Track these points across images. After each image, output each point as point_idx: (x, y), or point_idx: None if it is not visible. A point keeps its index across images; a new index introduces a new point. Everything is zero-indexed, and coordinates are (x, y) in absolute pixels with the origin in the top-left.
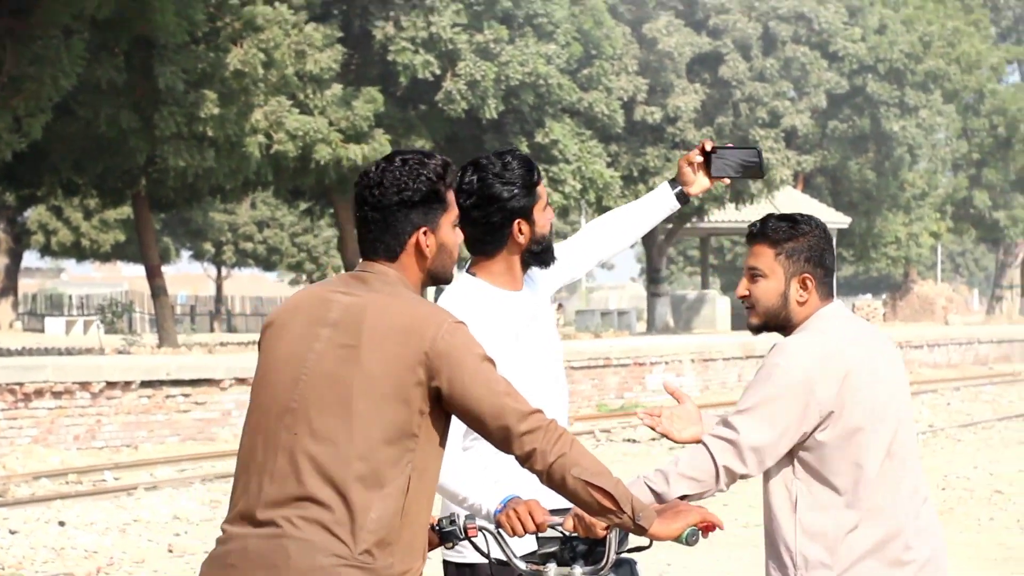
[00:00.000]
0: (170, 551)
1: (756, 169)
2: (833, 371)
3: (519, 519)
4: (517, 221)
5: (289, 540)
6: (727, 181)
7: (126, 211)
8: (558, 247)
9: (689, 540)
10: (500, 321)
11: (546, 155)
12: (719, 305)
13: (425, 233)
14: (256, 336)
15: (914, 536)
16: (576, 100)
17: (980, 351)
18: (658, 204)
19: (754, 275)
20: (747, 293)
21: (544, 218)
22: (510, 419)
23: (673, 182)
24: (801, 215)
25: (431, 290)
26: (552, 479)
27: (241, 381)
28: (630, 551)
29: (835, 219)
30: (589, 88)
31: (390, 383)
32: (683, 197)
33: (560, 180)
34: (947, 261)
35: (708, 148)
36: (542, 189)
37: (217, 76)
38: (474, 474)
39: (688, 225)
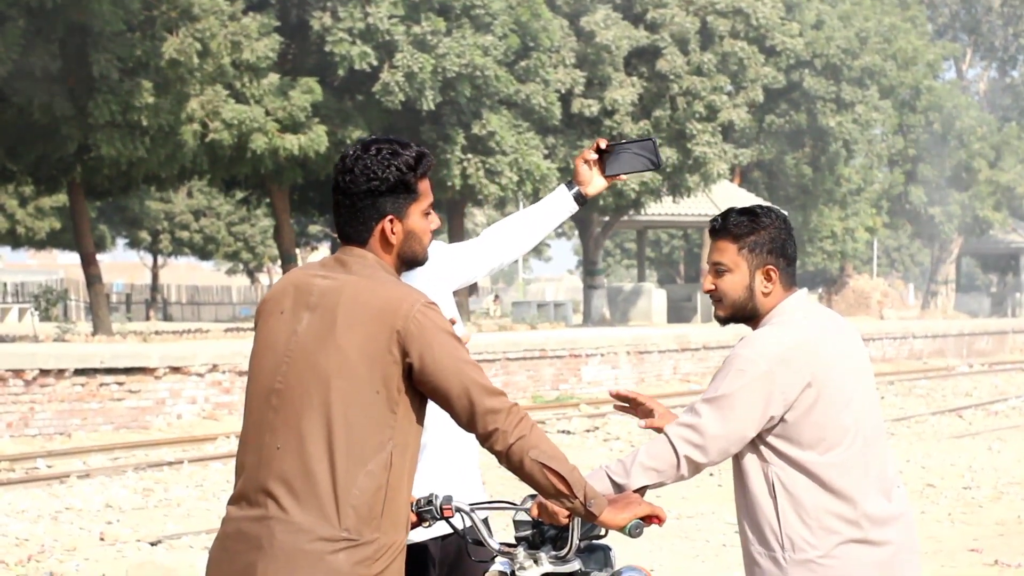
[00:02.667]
0: (102, 539)
1: (652, 162)
2: (797, 360)
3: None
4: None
5: (275, 522)
6: (623, 178)
7: (62, 199)
8: (456, 247)
9: (632, 532)
10: None
11: (483, 146)
12: (655, 298)
13: (391, 221)
14: (191, 325)
15: (887, 519)
16: (513, 92)
17: (915, 346)
18: (556, 207)
19: (719, 270)
20: (713, 287)
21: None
22: (476, 397)
23: (571, 183)
24: (761, 207)
25: None
26: (511, 460)
27: (176, 370)
28: (593, 537)
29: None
30: (526, 80)
31: (366, 363)
32: (580, 198)
33: (497, 172)
34: (883, 256)
35: (603, 146)
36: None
37: (153, 65)
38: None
39: (625, 218)
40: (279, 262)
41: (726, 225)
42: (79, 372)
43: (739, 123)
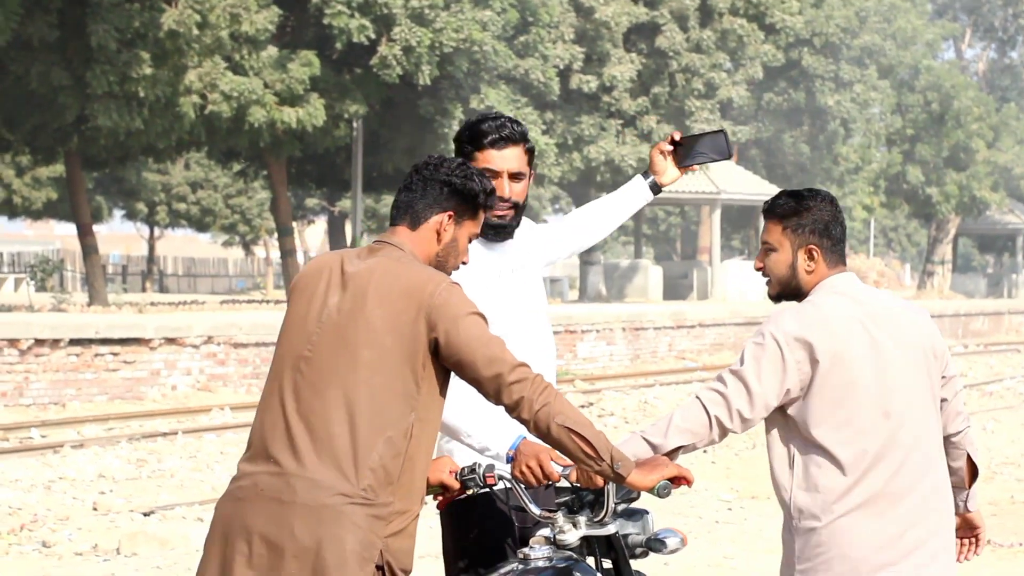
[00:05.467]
0: (95, 509)
1: (724, 151)
2: (811, 338)
3: (533, 474)
4: None
5: (296, 478)
6: (695, 168)
7: (59, 169)
8: (543, 228)
9: (661, 492)
10: (481, 263)
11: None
12: (651, 274)
13: (450, 217)
14: (187, 296)
15: (899, 497)
16: (512, 67)
17: None
18: (633, 195)
19: (766, 249)
20: (762, 266)
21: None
22: (500, 369)
23: (646, 173)
24: (809, 190)
25: None
26: (538, 427)
27: (171, 341)
28: (629, 500)
29: (768, 191)
30: (525, 55)
31: (393, 336)
32: (656, 187)
33: None
34: (880, 236)
35: (677, 138)
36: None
37: (151, 36)
38: (478, 413)
39: None
40: (276, 235)
41: (773, 207)
42: (74, 342)
43: (737, 100)
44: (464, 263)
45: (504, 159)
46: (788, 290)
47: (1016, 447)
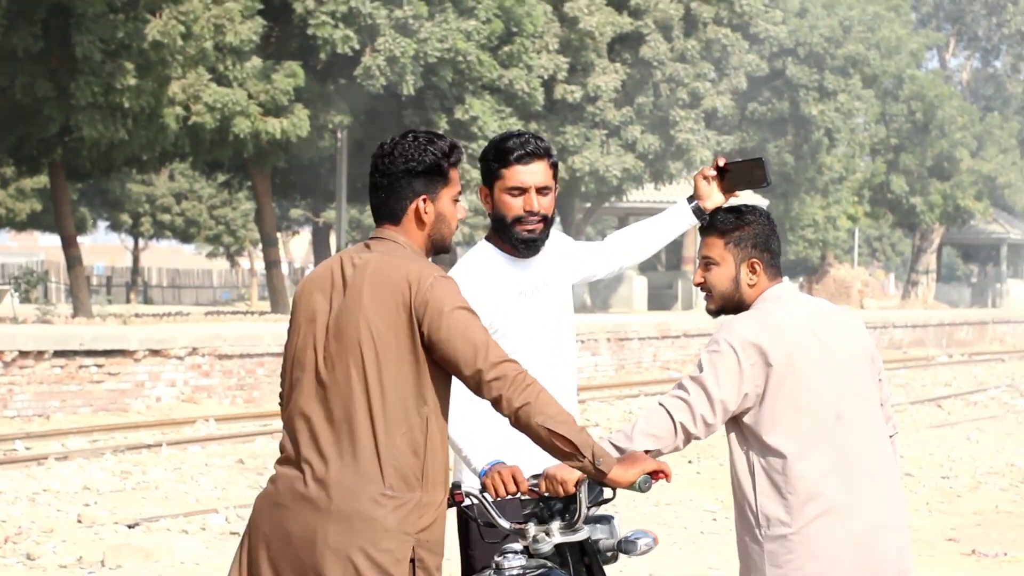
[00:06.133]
0: (79, 521)
1: (763, 178)
2: (764, 344)
3: (502, 482)
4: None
5: (327, 482)
6: (738, 194)
7: (43, 180)
8: (581, 245)
9: (643, 487)
10: (504, 281)
11: (465, 132)
12: (636, 284)
13: (424, 201)
14: (171, 308)
15: (862, 497)
16: (496, 77)
17: (895, 335)
18: (676, 219)
19: (707, 264)
20: (703, 280)
21: (503, 200)
22: (481, 366)
23: (690, 198)
24: (746, 206)
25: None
26: (519, 423)
27: (155, 352)
28: (599, 503)
29: (753, 201)
30: (509, 65)
31: (392, 333)
32: (699, 212)
33: (479, 157)
34: (864, 245)
35: (721, 164)
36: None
37: (135, 47)
38: (474, 430)
39: (607, 204)
40: (260, 246)
41: (713, 222)
42: (58, 354)
43: (722, 110)
44: (462, 219)
45: (531, 174)
46: (730, 304)
47: (1000, 457)
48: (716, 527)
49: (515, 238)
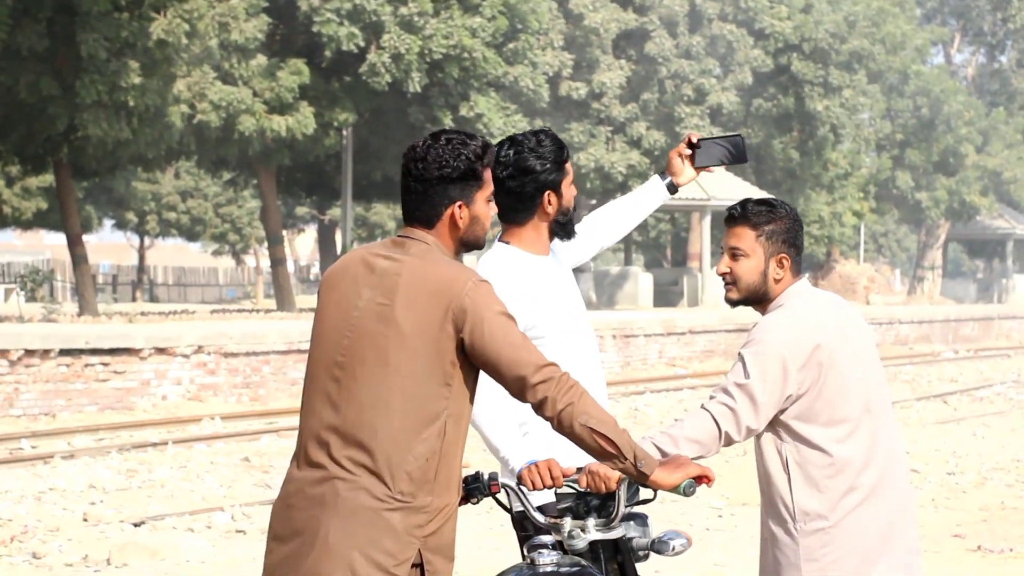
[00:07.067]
0: (85, 520)
1: (740, 155)
2: (808, 343)
3: (539, 474)
4: (547, 193)
5: (339, 481)
6: (712, 170)
7: (49, 179)
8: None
9: (687, 491)
10: (535, 282)
11: (471, 129)
12: (642, 281)
13: (460, 207)
14: (177, 306)
15: (888, 486)
16: (501, 74)
17: (901, 331)
18: (651, 195)
19: (735, 254)
20: (728, 270)
21: (570, 192)
22: (525, 369)
23: (663, 174)
24: (776, 200)
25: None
26: (562, 425)
27: (161, 350)
28: (637, 503)
29: (758, 196)
30: (515, 62)
31: (422, 338)
32: (672, 187)
33: None
34: (870, 241)
35: (694, 140)
36: (569, 166)
37: (140, 45)
38: (511, 429)
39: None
40: (266, 244)
41: (745, 213)
42: (64, 352)
43: (727, 106)
44: (494, 216)
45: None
46: (755, 296)
47: (1006, 453)
48: (721, 524)
49: (555, 224)
